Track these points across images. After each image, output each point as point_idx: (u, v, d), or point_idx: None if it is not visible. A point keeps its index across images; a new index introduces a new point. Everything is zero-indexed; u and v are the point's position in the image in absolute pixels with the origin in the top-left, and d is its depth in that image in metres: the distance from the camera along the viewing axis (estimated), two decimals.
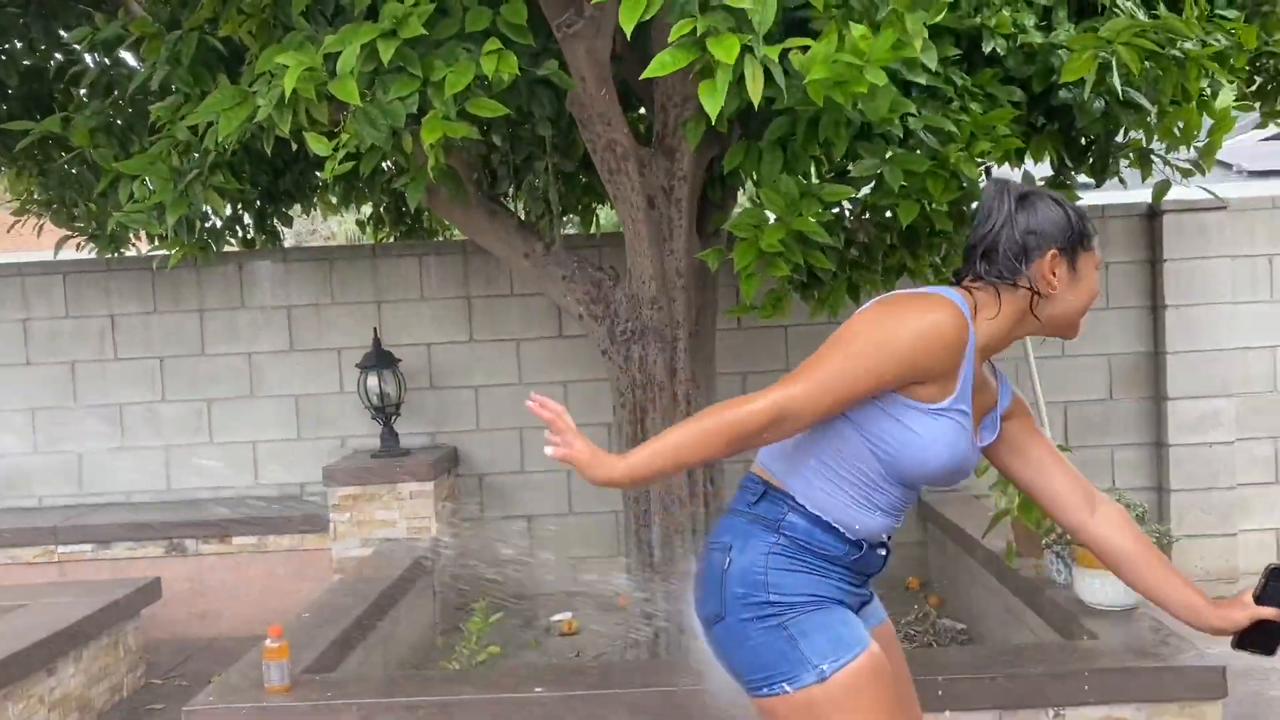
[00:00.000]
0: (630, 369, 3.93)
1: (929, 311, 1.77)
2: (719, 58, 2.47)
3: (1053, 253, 1.84)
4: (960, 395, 1.83)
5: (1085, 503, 2.00)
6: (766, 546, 1.86)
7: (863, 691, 1.82)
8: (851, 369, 1.74)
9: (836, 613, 1.87)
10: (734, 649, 1.88)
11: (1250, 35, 3.50)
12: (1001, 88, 3.50)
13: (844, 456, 1.85)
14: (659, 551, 3.95)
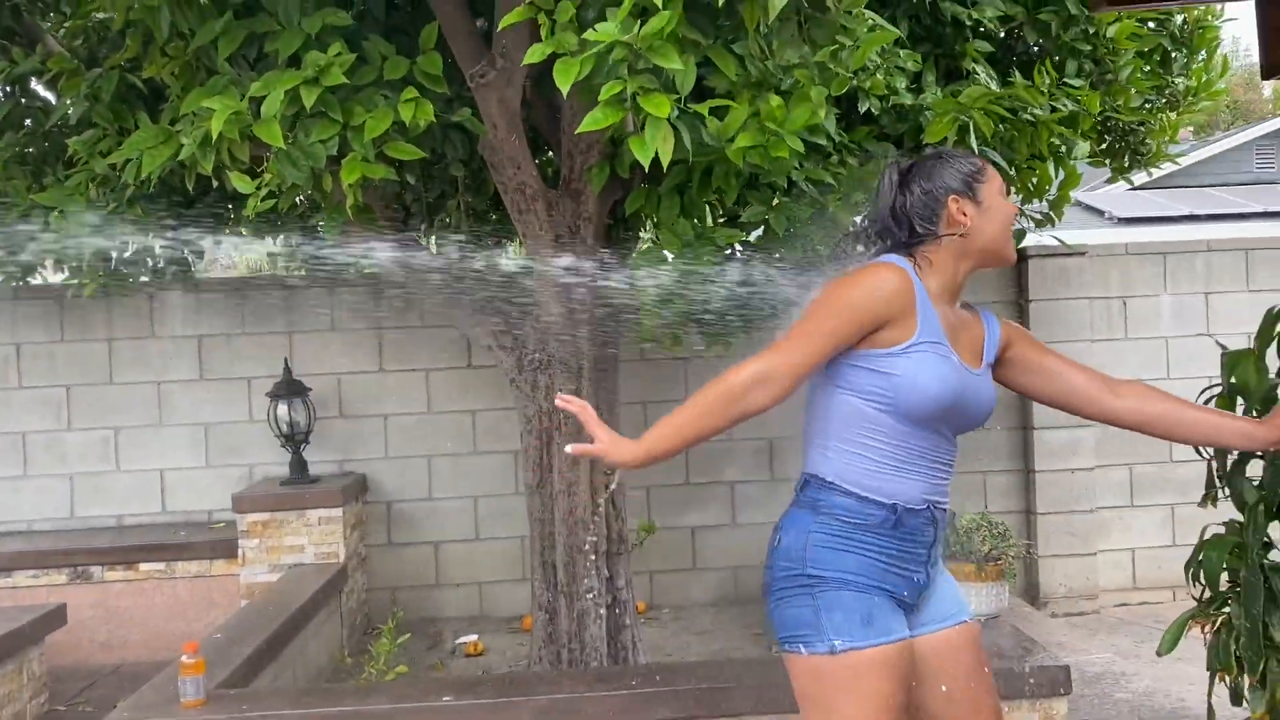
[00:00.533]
0: (537, 398, 4.16)
1: (867, 275, 2.01)
2: (650, 113, 2.70)
3: (952, 198, 2.08)
4: (924, 331, 2.02)
5: (1108, 390, 2.20)
6: (809, 526, 2.05)
7: (863, 679, 1.98)
8: (814, 329, 1.98)
9: (868, 600, 2.02)
10: (774, 609, 2.08)
11: (1093, 102, 3.94)
12: (876, 144, 3.86)
13: (855, 425, 2.05)
14: (563, 572, 4.16)
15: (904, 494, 2.06)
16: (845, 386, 2.06)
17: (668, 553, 5.73)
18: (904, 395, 2.01)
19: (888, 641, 2.01)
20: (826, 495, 2.06)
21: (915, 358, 2.02)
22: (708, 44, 2.70)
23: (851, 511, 2.04)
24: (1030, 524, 5.77)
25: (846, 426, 2.06)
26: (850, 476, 2.05)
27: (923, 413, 2.03)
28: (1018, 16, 4.02)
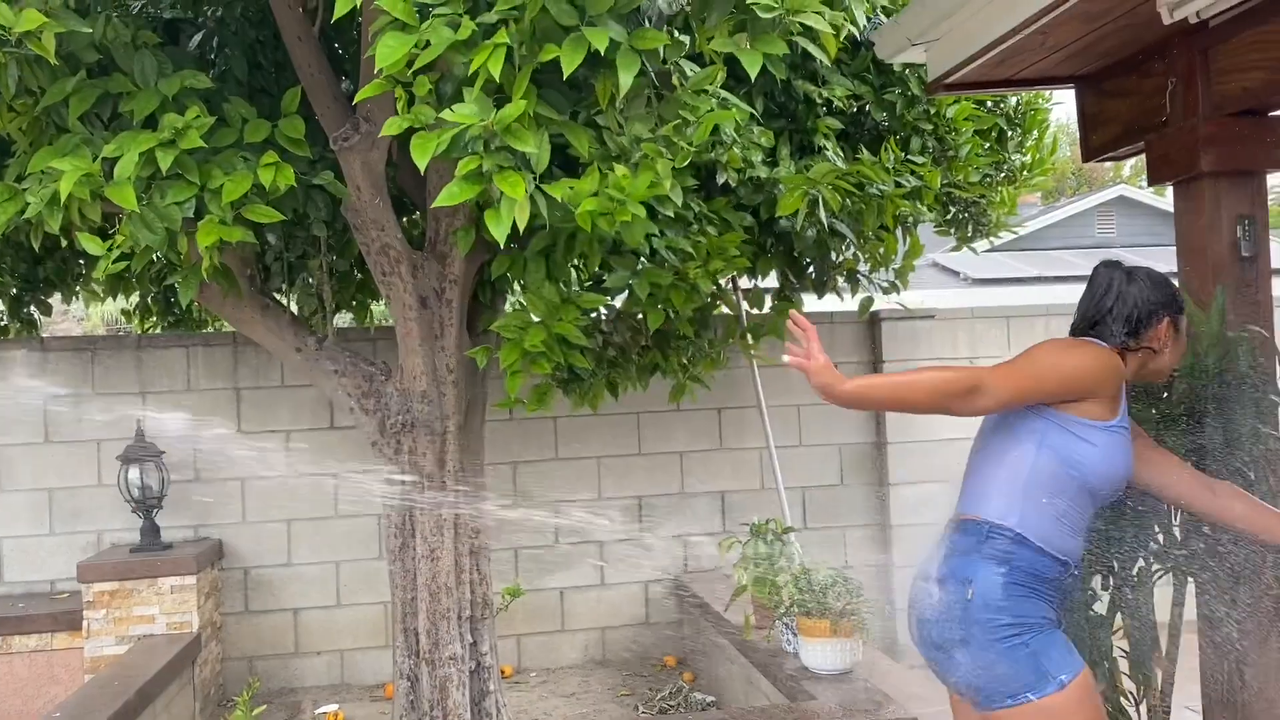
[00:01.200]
0: (400, 460, 4.12)
1: (1095, 350, 2.32)
2: (506, 192, 2.76)
3: (1167, 320, 2.39)
4: (1124, 417, 2.32)
5: (1207, 488, 2.48)
6: (1002, 577, 2.23)
7: (1088, 699, 2.22)
8: (1035, 374, 2.24)
9: (1059, 633, 2.27)
10: (978, 668, 2.22)
11: (934, 177, 4.19)
12: (734, 214, 4.01)
13: (1049, 484, 2.26)
14: (425, 639, 4.11)
15: (1074, 553, 2.32)
16: (1049, 446, 2.27)
17: (536, 615, 5.71)
18: (1100, 466, 2.27)
19: (1084, 664, 2.27)
20: (1016, 548, 2.25)
21: (1115, 436, 2.29)
22: (561, 120, 2.79)
23: (1037, 564, 2.25)
24: (888, 577, 5.96)
25: (1041, 485, 2.27)
26: (1041, 533, 2.26)
27: (1107, 485, 2.31)
28: (865, 96, 4.26)
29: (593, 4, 2.45)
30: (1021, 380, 2.24)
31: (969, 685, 2.27)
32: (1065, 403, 2.26)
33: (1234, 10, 2.83)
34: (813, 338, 2.20)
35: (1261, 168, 3.01)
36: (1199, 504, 2.51)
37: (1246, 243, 2.99)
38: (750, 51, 2.53)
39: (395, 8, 2.47)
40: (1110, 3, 2.82)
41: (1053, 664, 2.20)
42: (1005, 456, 2.32)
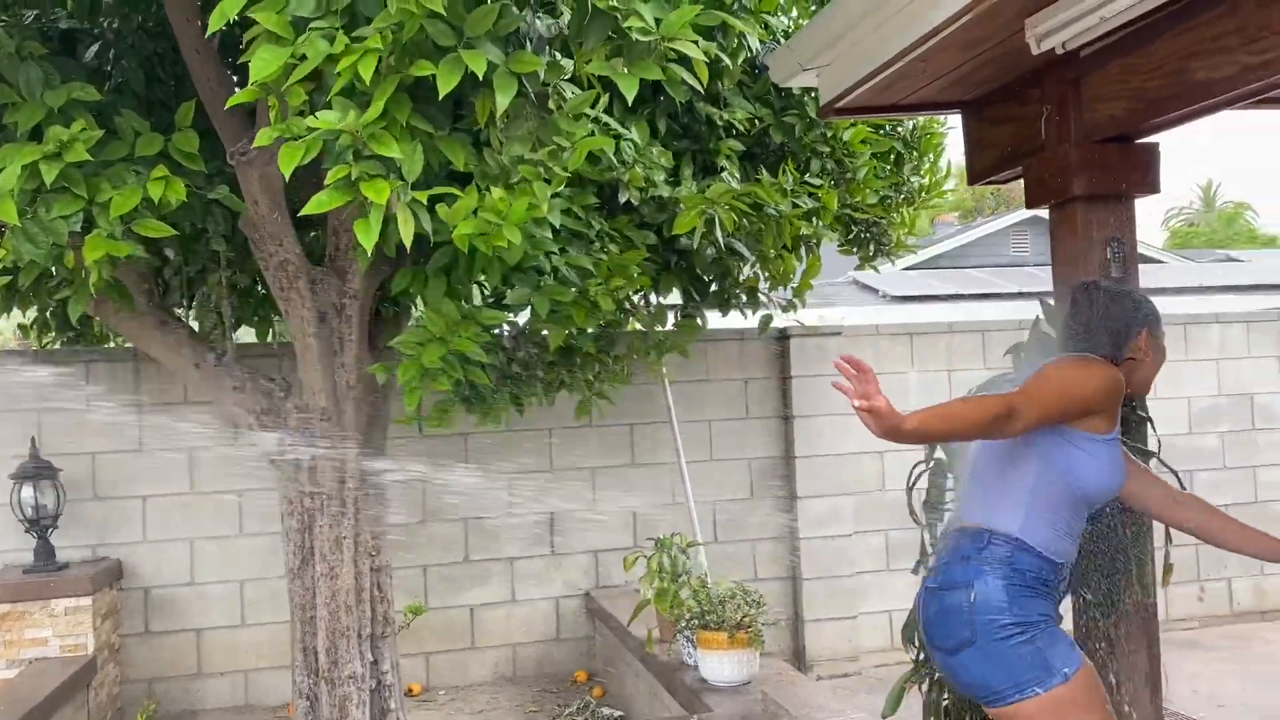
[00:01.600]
0: (299, 478, 4.08)
1: (1101, 368, 2.43)
2: (371, 199, 2.79)
3: (1145, 331, 2.53)
4: (1118, 429, 2.46)
5: (1173, 499, 2.69)
6: (1003, 580, 2.37)
7: (1093, 689, 2.37)
8: (1058, 396, 2.36)
9: (1059, 629, 2.41)
10: (986, 667, 2.36)
11: (831, 199, 4.29)
12: (637, 232, 4.06)
13: (1049, 493, 2.40)
14: (324, 658, 4.07)
15: (1069, 555, 2.47)
16: (1051, 460, 2.41)
17: (446, 632, 5.67)
18: (1098, 477, 2.42)
19: (1085, 658, 2.42)
20: (1017, 553, 2.40)
21: (1113, 448, 2.44)
22: (439, 134, 2.81)
23: (1037, 568, 2.40)
24: (797, 589, 6.05)
25: (1044, 495, 2.42)
26: (1040, 539, 2.41)
27: (1103, 493, 2.47)
28: (766, 118, 4.35)
29: (471, 25, 2.48)
30: (1048, 403, 2.36)
31: (978, 684, 2.40)
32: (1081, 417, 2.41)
33: (1101, 42, 2.96)
34: (870, 380, 2.16)
35: (1129, 192, 3.14)
36: (1167, 513, 2.73)
37: (1116, 264, 3.12)
38: (627, 76, 2.58)
39: (270, 21, 2.48)
40: (984, 33, 2.93)
41: (1056, 658, 2.33)
42: (1009, 467, 2.46)
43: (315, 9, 2.54)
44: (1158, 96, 2.83)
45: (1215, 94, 2.65)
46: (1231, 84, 2.59)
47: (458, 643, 5.69)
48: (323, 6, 2.54)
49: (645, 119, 4.05)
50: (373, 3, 2.51)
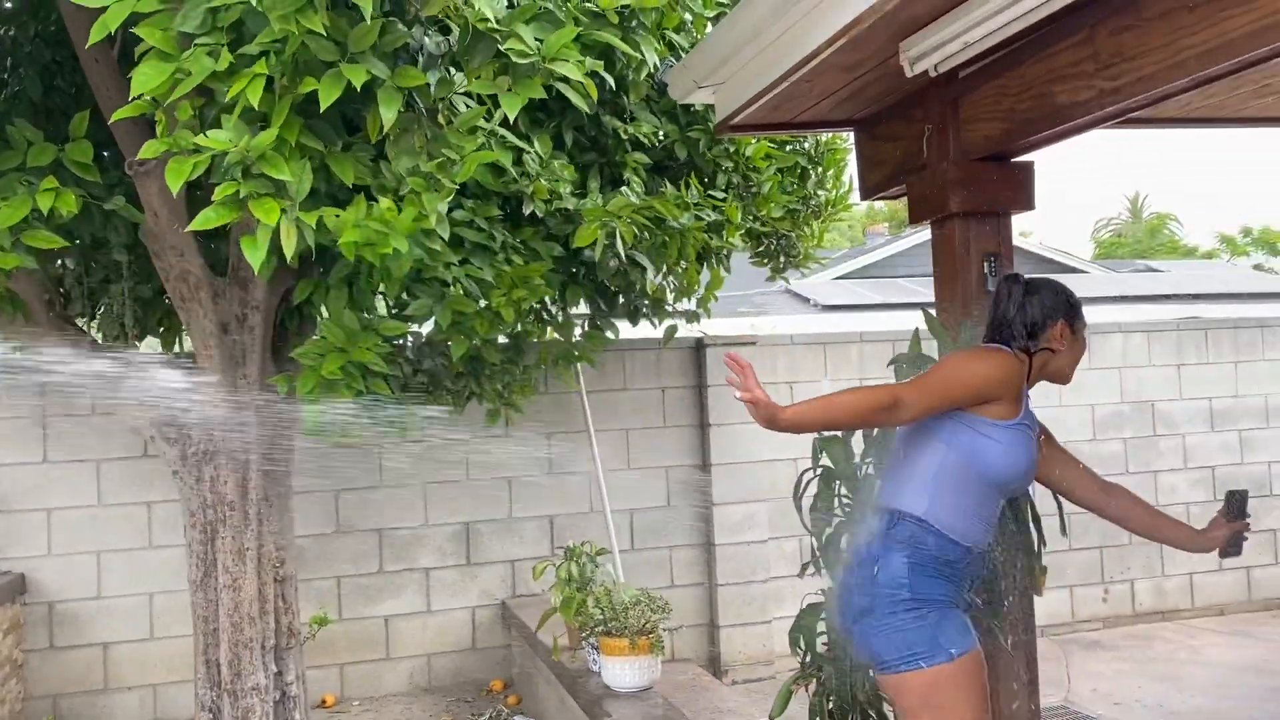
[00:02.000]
0: (201, 489, 4.06)
1: (996, 357, 2.57)
2: (260, 219, 2.80)
3: (1061, 323, 2.64)
4: (1025, 416, 2.57)
5: (1100, 489, 2.82)
6: (906, 559, 2.50)
7: (973, 676, 2.47)
8: (945, 385, 2.51)
9: (958, 613, 2.52)
10: (880, 637, 2.49)
11: (734, 212, 4.38)
12: (542, 243, 4.11)
13: (954, 477, 2.53)
14: (227, 670, 4.04)
15: (977, 538, 2.58)
16: (953, 444, 2.53)
17: (360, 643, 5.65)
18: (1002, 462, 2.53)
19: (977, 646, 2.52)
20: (921, 534, 2.52)
21: (1014, 433, 2.54)
22: (330, 150, 2.84)
23: (940, 548, 2.51)
24: (712, 595, 6.13)
25: (947, 478, 2.54)
26: (946, 520, 2.52)
27: (1007, 478, 2.57)
28: (671, 133, 4.42)
29: (355, 41, 2.52)
30: (932, 392, 2.51)
31: (872, 652, 2.55)
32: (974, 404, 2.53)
33: (976, 65, 3.08)
34: (749, 374, 2.39)
35: (1003, 209, 3.27)
36: (1095, 503, 2.86)
37: (992, 278, 3.24)
38: (511, 95, 2.64)
39: (153, 37, 2.49)
40: (862, 55, 3.03)
41: (945, 638, 2.46)
42: (919, 453, 2.59)
43: (200, 25, 2.56)
44: (1027, 118, 2.95)
45: (1076, 116, 2.78)
46: (1089, 108, 2.71)
47: (372, 653, 5.68)
48: (208, 23, 2.55)
49: (551, 132, 4.10)
50: (258, 19, 2.53)
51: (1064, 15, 2.68)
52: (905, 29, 2.86)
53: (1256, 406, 7.06)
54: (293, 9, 2.34)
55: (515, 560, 5.90)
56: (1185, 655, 6.06)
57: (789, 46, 2.99)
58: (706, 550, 6.17)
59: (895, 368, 3.36)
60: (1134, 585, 6.80)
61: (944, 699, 2.45)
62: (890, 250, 18.71)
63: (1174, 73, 2.46)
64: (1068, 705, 5.26)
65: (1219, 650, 6.12)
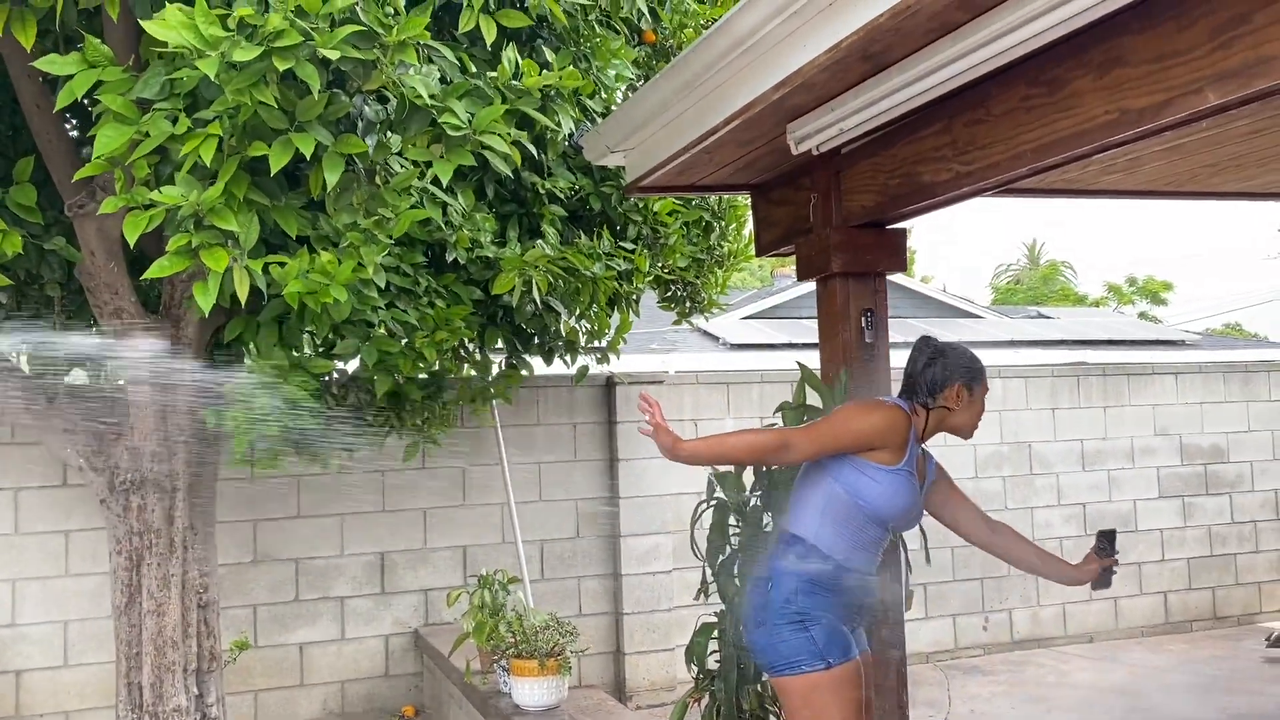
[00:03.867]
0: (128, 518, 4.21)
1: (885, 411, 2.90)
2: (211, 267, 3.03)
3: (959, 385, 2.97)
4: (907, 462, 2.89)
5: (988, 526, 3.17)
6: (796, 577, 2.83)
7: (846, 686, 2.78)
8: (833, 432, 2.87)
9: (843, 630, 2.83)
10: (769, 644, 2.83)
11: (643, 261, 4.73)
12: (464, 288, 4.39)
13: (840, 510, 2.85)
14: (149, 693, 4.18)
15: (859, 563, 2.90)
16: (841, 481, 2.87)
17: (275, 670, 5.79)
18: (881, 501, 2.86)
19: (855, 657, 2.85)
20: (809, 555, 2.86)
21: (896, 478, 2.87)
22: (275, 204, 3.10)
23: (826, 570, 2.84)
24: (618, 624, 6.41)
25: (833, 509, 2.87)
26: (832, 546, 2.86)
27: (887, 516, 2.89)
28: (586, 187, 4.76)
29: (303, 112, 2.80)
30: (821, 438, 2.87)
31: (764, 657, 2.89)
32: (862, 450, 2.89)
33: (855, 143, 3.49)
34: (655, 411, 2.81)
35: (879, 270, 3.67)
36: (982, 540, 3.21)
37: (869, 331, 3.63)
38: (444, 161, 2.94)
39: (114, 102, 2.73)
40: (755, 134, 3.42)
41: (826, 649, 2.79)
42: (812, 486, 2.95)
43: (159, 92, 2.81)
44: (897, 193, 3.36)
45: (938, 194, 3.19)
46: (948, 187, 3.13)
47: (287, 680, 5.82)
48: (166, 90, 2.80)
49: (473, 185, 4.40)
50: (213, 88, 2.79)
51: (928, 108, 3.09)
52: (790, 114, 3.25)
53: (1123, 448, 7.66)
54: (247, 83, 2.61)
55: (429, 589, 6.10)
56: (1055, 679, 6.54)
57: (692, 122, 3.36)
58: (614, 580, 6.46)
59: (782, 414, 3.73)
60: (1012, 615, 7.29)
61: (820, 702, 2.78)
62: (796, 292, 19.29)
63: (1015, 162, 2.89)
64: None
65: (1086, 674, 6.62)
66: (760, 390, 6.79)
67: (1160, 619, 7.63)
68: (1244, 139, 3.52)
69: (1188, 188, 4.26)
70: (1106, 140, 2.59)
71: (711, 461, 2.98)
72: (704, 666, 3.60)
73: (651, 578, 6.43)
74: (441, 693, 5.46)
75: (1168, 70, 2.32)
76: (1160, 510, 7.72)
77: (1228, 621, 7.81)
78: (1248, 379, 8.07)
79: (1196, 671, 6.56)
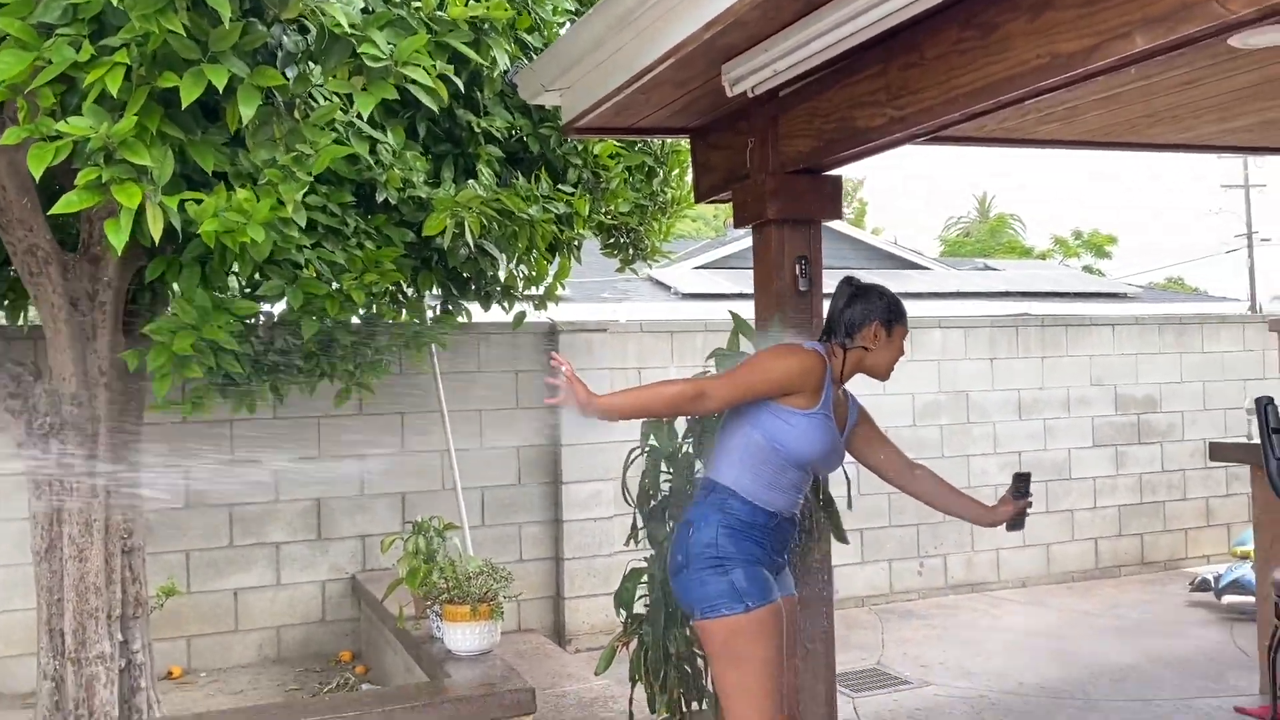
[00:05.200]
0: (48, 462, 4.10)
1: (798, 355, 2.89)
2: (123, 203, 2.92)
3: (875, 324, 2.97)
4: (823, 405, 2.90)
5: (907, 469, 3.21)
6: (716, 522, 2.86)
7: (765, 627, 2.79)
8: (747, 379, 2.86)
9: (761, 572, 2.86)
10: (691, 587, 2.86)
11: (583, 205, 4.65)
12: (395, 229, 4.28)
13: (757, 455, 2.87)
14: (71, 639, 4.11)
15: (782, 506, 2.93)
16: (759, 426, 2.88)
17: (208, 616, 5.73)
18: (798, 444, 2.87)
19: (775, 600, 2.86)
20: (730, 500, 2.88)
21: (812, 420, 2.88)
22: (190, 139, 2.99)
23: (748, 514, 2.87)
24: (559, 569, 6.42)
25: (751, 455, 2.88)
26: (751, 490, 2.88)
27: (804, 459, 2.90)
28: (524, 128, 4.65)
29: (216, 41, 2.68)
30: (735, 385, 2.87)
31: (686, 600, 2.92)
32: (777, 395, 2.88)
33: (792, 86, 3.43)
34: (569, 368, 2.77)
35: (815, 216, 3.64)
36: (902, 482, 3.24)
37: (803, 279, 3.61)
38: (365, 95, 2.84)
39: (12, 27, 2.59)
40: (690, 74, 3.35)
41: (745, 592, 2.80)
42: (732, 432, 2.95)
43: (61, 16, 2.67)
44: (833, 137, 3.32)
45: (872, 139, 3.15)
46: (882, 132, 3.09)
47: (220, 626, 5.76)
48: (69, 15, 2.66)
49: (405, 124, 4.27)
50: (118, 14, 2.65)
51: (863, 51, 3.04)
52: (724, 54, 3.18)
53: (1059, 397, 7.78)
54: (153, 9, 2.48)
55: (367, 536, 6.06)
56: (987, 623, 6.68)
57: (627, 60, 3.28)
58: (555, 526, 6.45)
59: (715, 360, 3.71)
60: (946, 560, 7.42)
61: (740, 644, 2.79)
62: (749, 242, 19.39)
63: (949, 106, 2.85)
64: (880, 667, 5.77)
65: (1017, 618, 6.76)
66: (704, 339, 6.76)
67: (1090, 564, 7.81)
68: (1179, 89, 3.52)
69: (1125, 138, 4.27)
70: (1038, 85, 2.57)
71: (627, 415, 2.94)
72: (633, 611, 3.61)
73: (593, 524, 6.43)
74: (378, 638, 5.44)
75: (1097, 14, 2.29)
76: (1093, 459, 7.86)
77: (1155, 567, 8.01)
78: (1182, 331, 8.21)
79: (1122, 615, 6.73)
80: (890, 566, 7.24)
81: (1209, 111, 3.87)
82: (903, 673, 5.63)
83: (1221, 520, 8.25)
